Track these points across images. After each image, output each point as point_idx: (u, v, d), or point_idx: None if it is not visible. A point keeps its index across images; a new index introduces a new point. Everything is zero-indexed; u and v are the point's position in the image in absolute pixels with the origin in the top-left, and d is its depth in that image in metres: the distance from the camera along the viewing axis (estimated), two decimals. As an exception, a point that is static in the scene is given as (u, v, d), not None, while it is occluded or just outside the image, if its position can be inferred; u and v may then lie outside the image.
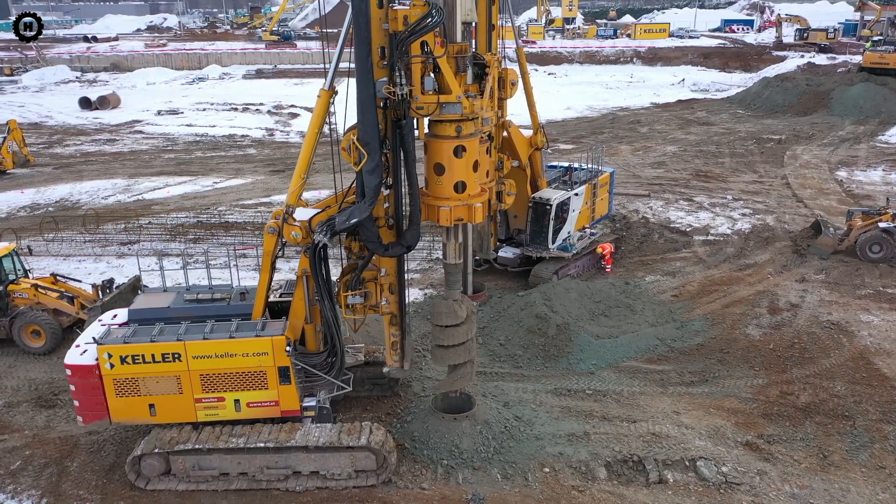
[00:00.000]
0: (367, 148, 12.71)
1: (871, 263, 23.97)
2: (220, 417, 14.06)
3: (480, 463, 14.24)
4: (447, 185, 13.21)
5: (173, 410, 13.90)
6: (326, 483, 13.67)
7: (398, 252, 13.82)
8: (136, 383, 13.54)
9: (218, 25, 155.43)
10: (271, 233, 13.85)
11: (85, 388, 13.58)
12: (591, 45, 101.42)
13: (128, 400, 13.66)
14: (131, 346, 13.34)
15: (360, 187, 13.17)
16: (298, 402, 14.28)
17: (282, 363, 13.83)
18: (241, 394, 13.90)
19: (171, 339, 13.46)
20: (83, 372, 13.49)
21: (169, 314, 14.12)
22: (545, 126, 23.89)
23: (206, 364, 13.58)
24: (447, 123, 12.88)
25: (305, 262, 13.94)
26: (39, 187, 36.15)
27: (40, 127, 53.96)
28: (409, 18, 12.27)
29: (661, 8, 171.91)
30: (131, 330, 13.75)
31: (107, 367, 13.38)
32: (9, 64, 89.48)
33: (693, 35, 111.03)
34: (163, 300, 14.63)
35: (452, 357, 14.38)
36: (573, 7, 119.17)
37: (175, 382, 13.63)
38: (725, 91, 69.11)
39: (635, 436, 15.14)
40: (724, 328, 20.08)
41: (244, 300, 14.48)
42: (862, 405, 16.40)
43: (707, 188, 34.78)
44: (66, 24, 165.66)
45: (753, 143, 44.90)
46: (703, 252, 26.23)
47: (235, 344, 13.54)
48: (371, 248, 13.56)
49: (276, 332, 13.76)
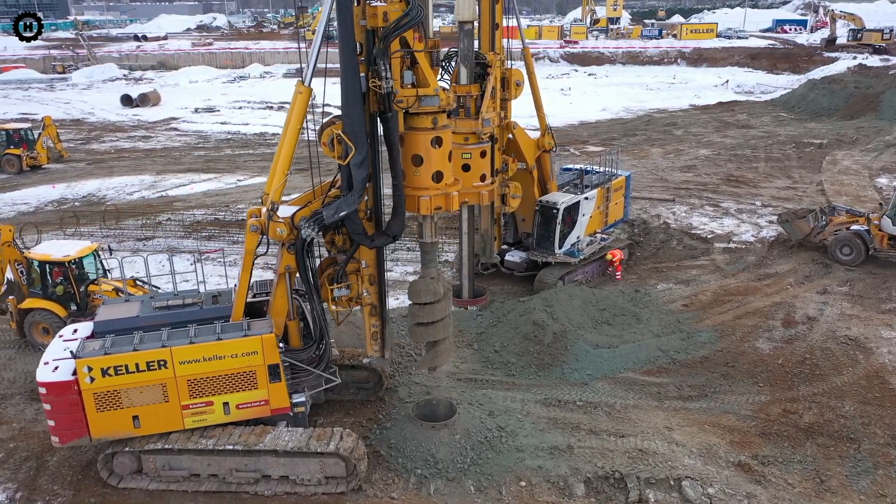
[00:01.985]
0: (355, 141, 12.85)
1: (841, 265, 23.77)
2: (208, 423, 13.66)
3: (455, 474, 13.84)
4: (425, 175, 13.40)
5: (159, 420, 13.34)
6: (296, 488, 13.45)
7: (384, 242, 14.00)
8: (118, 396, 12.93)
9: (265, 25, 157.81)
10: (254, 231, 13.69)
11: (62, 406, 12.87)
12: (634, 46, 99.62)
13: (110, 414, 13.02)
14: (113, 356, 12.77)
15: (345, 181, 13.29)
16: (288, 399, 14.20)
17: (271, 361, 13.69)
18: (230, 396, 13.65)
19: (155, 346, 12.98)
20: (60, 389, 12.78)
21: (140, 323, 13.68)
22: (577, 127, 23.35)
23: (193, 369, 13.20)
24: (424, 116, 13.08)
25: (289, 258, 13.85)
26: (70, 182, 37.03)
27: (81, 123, 55.45)
28: (389, 15, 12.46)
29: (711, 8, 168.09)
30: (109, 341, 13.09)
31: (86, 382, 12.74)
32: (61, 62, 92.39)
33: (741, 35, 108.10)
34: (128, 310, 14.13)
35: (432, 334, 14.47)
36: (618, 7, 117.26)
37: (160, 391, 13.11)
38: (770, 93, 67.08)
39: (621, 451, 14.52)
40: (732, 341, 19.24)
41: (217, 303, 14.35)
42: (870, 427, 15.46)
43: (736, 193, 33.60)
44: (122, 24, 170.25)
45: (792, 148, 43.31)
46: (721, 260, 25.27)
47: (224, 346, 13.32)
48: (358, 239, 13.72)
49: (265, 330, 13.65)
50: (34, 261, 18.79)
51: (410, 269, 24.95)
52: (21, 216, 31.27)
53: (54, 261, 18.65)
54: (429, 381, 17.23)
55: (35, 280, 18.98)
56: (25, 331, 19.04)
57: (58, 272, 18.82)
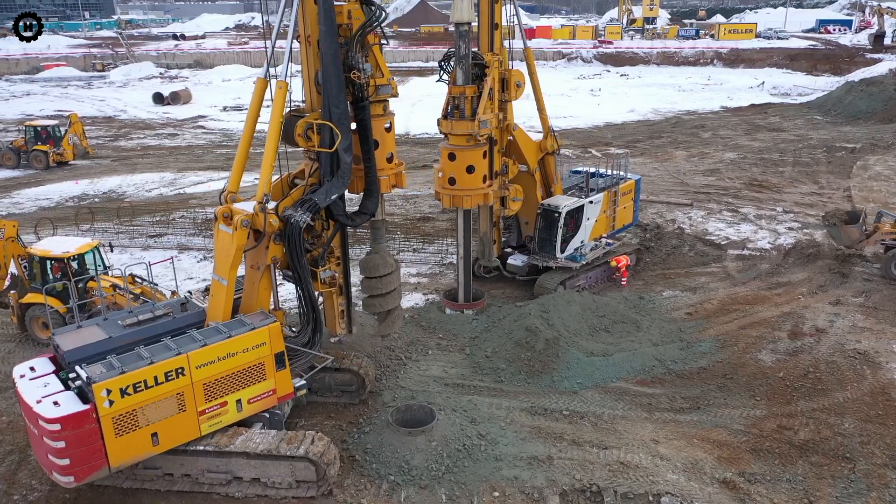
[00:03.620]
0: (341, 129, 13.96)
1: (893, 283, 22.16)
2: (223, 424, 13.54)
3: (428, 482, 13.61)
4: (381, 157, 15.37)
5: (176, 433, 12.91)
6: (266, 491, 13.36)
7: (363, 221, 15.54)
8: (136, 416, 12.27)
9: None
10: (245, 226, 13.84)
11: (79, 439, 11.87)
12: (669, 46, 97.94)
13: (128, 437, 12.30)
14: (130, 374, 12.10)
15: (328, 166, 14.34)
16: (292, 384, 14.53)
17: (278, 349, 14.04)
18: (242, 392, 13.69)
19: (170, 355, 12.60)
20: (77, 420, 11.79)
21: (115, 344, 13.15)
22: (602, 128, 22.97)
23: (209, 371, 13.05)
24: (378, 104, 15.05)
25: (276, 249, 14.24)
26: (93, 179, 37.79)
27: (112, 120, 56.58)
28: (353, 13, 14.14)
29: (754, 7, 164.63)
30: (116, 360, 12.39)
31: (105, 406, 11.90)
32: (101, 60, 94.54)
33: (782, 36, 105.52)
34: (91, 334, 13.44)
35: (388, 303, 16.18)
36: (654, 6, 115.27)
37: (176, 401, 12.70)
38: (807, 95, 65.24)
39: (602, 464, 14.13)
40: (734, 351, 18.63)
41: (186, 311, 14.41)
42: (868, 447, 14.78)
43: (757, 199, 32.67)
44: (164, 23, 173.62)
45: (823, 152, 42.00)
46: (733, 267, 24.54)
47: (235, 342, 13.32)
48: (342, 220, 14.91)
49: (270, 320, 13.91)
50: (35, 256, 19.09)
51: (414, 271, 24.80)
52: (41, 211, 32.01)
53: (54, 257, 18.91)
54: (414, 386, 17.09)
55: (36, 275, 19.29)
56: (26, 325, 19.36)
57: (57, 268, 19.09)
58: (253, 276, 14.39)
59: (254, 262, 14.28)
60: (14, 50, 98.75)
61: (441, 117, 19.16)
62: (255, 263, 14.31)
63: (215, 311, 14.32)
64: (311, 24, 13.96)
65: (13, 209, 32.63)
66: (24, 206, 33.05)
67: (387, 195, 16.50)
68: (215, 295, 14.36)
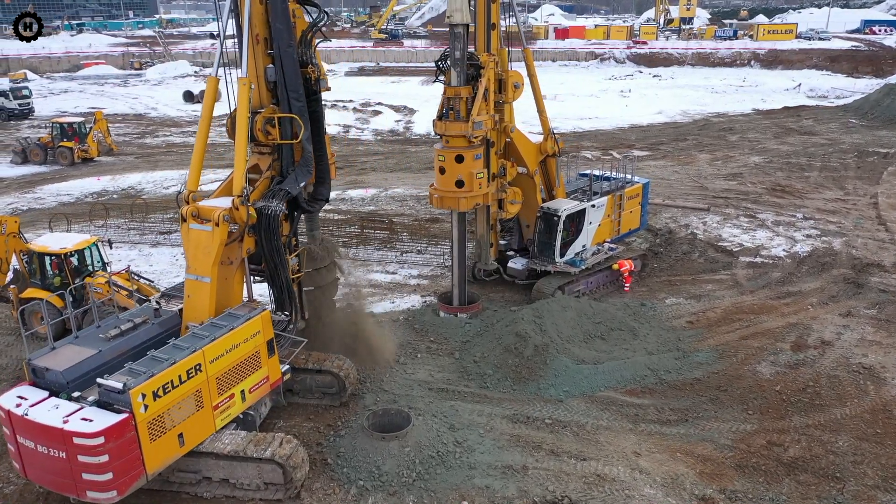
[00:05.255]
0: (304, 120, 14.98)
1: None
2: (231, 416, 13.78)
3: (398, 488, 13.41)
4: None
5: (197, 431, 13.00)
6: (234, 492, 13.32)
7: (321, 206, 16.62)
8: (163, 418, 12.27)
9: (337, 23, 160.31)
10: (227, 221, 13.99)
11: (121, 450, 11.71)
12: (705, 47, 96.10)
13: (160, 441, 12.28)
14: (161, 376, 12.13)
15: (291, 157, 15.33)
16: (280, 368, 15.03)
17: (269, 336, 14.46)
18: (245, 382, 14.03)
19: (186, 354, 12.68)
20: (119, 430, 11.61)
21: (106, 357, 13.16)
22: (626, 130, 22.57)
23: (220, 365, 13.28)
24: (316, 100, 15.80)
25: (249, 241, 14.63)
26: (115, 175, 38.43)
27: (142, 118, 57.58)
28: (296, 12, 15.07)
29: (798, 7, 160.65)
30: (139, 365, 12.33)
31: (141, 412, 11.83)
32: (139, 59, 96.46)
33: (823, 36, 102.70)
34: (75, 352, 13.17)
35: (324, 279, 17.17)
36: (691, 6, 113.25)
37: (194, 399, 12.82)
38: (845, 98, 63.41)
39: (578, 475, 13.78)
40: (731, 363, 18.05)
41: (160, 315, 14.51)
42: (861, 466, 14.14)
43: (778, 204, 31.73)
44: (204, 22, 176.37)
45: (853, 157, 40.67)
46: (743, 275, 23.82)
47: (238, 333, 13.68)
48: (305, 207, 15.78)
49: (260, 309, 14.36)
50: (34, 252, 19.41)
51: (415, 272, 24.63)
52: (61, 206, 32.64)
53: (51, 252, 19.20)
54: (398, 390, 16.93)
55: (36, 270, 19.61)
56: (25, 319, 19.69)
57: (55, 263, 19.38)
58: (226, 272, 14.43)
59: (226, 257, 14.31)
60: (56, 48, 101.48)
61: (436, 118, 18.97)
62: (228, 258, 14.35)
63: (198, 311, 14.33)
64: (259, 24, 14.56)
65: (34, 204, 33.39)
66: (45, 202, 33.78)
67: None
68: (195, 294, 14.37)
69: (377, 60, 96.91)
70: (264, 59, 14.87)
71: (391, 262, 25.51)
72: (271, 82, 15.04)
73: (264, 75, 14.90)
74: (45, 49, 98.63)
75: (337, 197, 34.05)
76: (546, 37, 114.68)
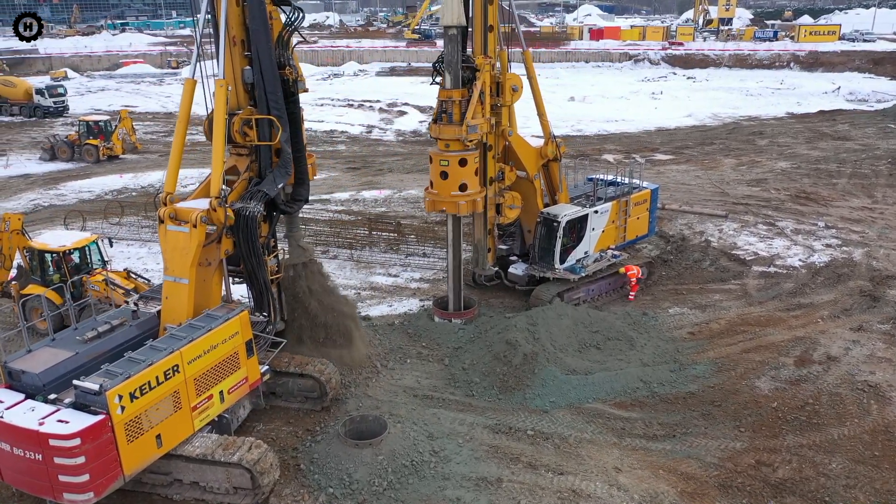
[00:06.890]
0: (282, 121, 14.93)
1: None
2: (210, 417, 13.83)
3: (367, 497, 13.23)
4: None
5: (175, 432, 13.00)
6: (204, 495, 13.28)
7: (300, 206, 16.56)
8: (141, 420, 12.26)
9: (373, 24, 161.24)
10: (205, 223, 14.10)
11: (98, 451, 11.69)
12: (743, 48, 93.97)
13: (138, 442, 12.30)
14: (137, 377, 12.14)
15: (269, 158, 15.24)
16: (259, 369, 15.05)
17: (247, 337, 14.53)
18: (223, 383, 14.09)
19: (164, 355, 12.72)
20: (95, 431, 11.59)
21: (83, 360, 13.19)
22: (652, 133, 22.13)
23: (198, 366, 13.34)
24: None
25: (227, 243, 14.70)
26: (137, 173, 39.05)
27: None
28: (272, 13, 14.76)
29: (845, 8, 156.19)
30: (115, 366, 12.37)
31: (118, 413, 11.83)
32: (176, 57, 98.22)
33: (868, 38, 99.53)
34: (53, 355, 13.14)
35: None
36: (731, 7, 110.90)
37: (172, 400, 12.83)
38: (886, 102, 61.20)
39: (553, 490, 13.43)
40: (729, 377, 17.45)
41: (137, 317, 14.52)
42: (853, 491, 13.50)
43: (800, 212, 30.72)
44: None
45: (886, 164, 39.22)
46: (753, 285, 23.06)
47: (216, 334, 13.74)
48: (283, 206, 15.86)
49: (238, 310, 14.42)
50: (35, 249, 19.73)
51: (417, 276, 24.42)
52: (81, 203, 33.26)
53: (50, 250, 19.50)
54: (382, 395, 16.76)
55: (37, 267, 19.94)
56: (25, 315, 20.03)
57: (55, 261, 19.67)
58: (204, 273, 14.44)
59: (204, 258, 14.31)
60: (98, 47, 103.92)
61: (431, 121, 18.75)
62: (206, 260, 14.35)
63: (176, 313, 14.38)
64: (236, 26, 14.51)
65: (56, 200, 34.08)
66: (67, 198, 34.45)
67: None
68: (174, 296, 14.42)
69: (409, 60, 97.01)
70: (241, 61, 14.87)
71: (395, 264, 25.36)
72: (249, 84, 15.01)
73: (241, 77, 14.87)
74: (87, 48, 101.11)
75: (350, 198, 34.09)
76: (580, 37, 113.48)
